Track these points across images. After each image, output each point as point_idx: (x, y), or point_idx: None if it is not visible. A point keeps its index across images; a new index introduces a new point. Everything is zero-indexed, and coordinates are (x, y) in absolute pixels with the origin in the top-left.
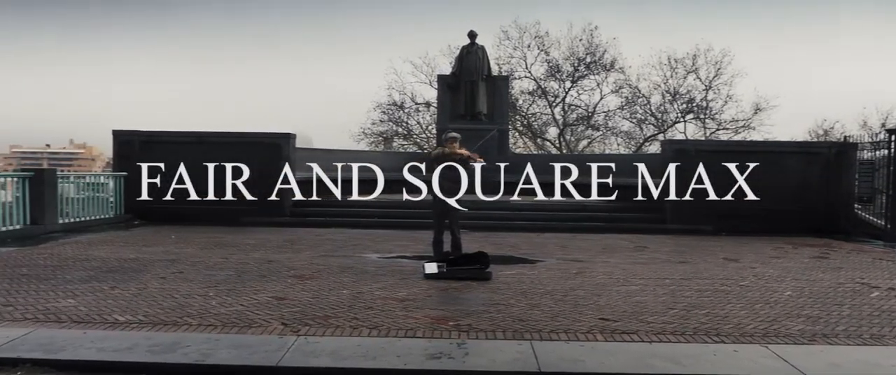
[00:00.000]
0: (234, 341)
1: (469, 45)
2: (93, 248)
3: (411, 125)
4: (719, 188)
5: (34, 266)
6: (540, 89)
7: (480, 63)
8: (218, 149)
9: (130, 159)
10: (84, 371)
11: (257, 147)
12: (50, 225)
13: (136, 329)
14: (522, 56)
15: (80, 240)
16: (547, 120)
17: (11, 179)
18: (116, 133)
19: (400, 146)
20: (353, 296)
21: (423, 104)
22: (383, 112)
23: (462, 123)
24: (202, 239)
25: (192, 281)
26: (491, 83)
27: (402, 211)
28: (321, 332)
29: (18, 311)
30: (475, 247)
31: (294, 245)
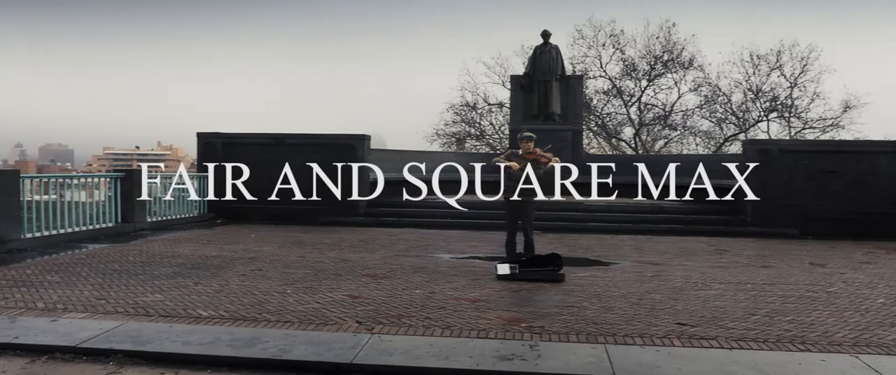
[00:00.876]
0: (310, 337)
1: (542, 44)
2: (178, 246)
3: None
4: (805, 189)
5: (125, 262)
6: (615, 88)
7: (554, 63)
8: (295, 150)
9: (213, 160)
10: (170, 363)
11: (333, 148)
12: (139, 223)
13: (218, 324)
14: (597, 55)
15: (166, 238)
16: (622, 120)
17: (104, 179)
18: (200, 135)
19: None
20: (426, 296)
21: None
22: (456, 113)
23: (535, 124)
24: (280, 237)
25: (270, 279)
26: (564, 83)
27: (474, 212)
28: (394, 331)
29: (110, 304)
30: (548, 249)
31: (368, 244)
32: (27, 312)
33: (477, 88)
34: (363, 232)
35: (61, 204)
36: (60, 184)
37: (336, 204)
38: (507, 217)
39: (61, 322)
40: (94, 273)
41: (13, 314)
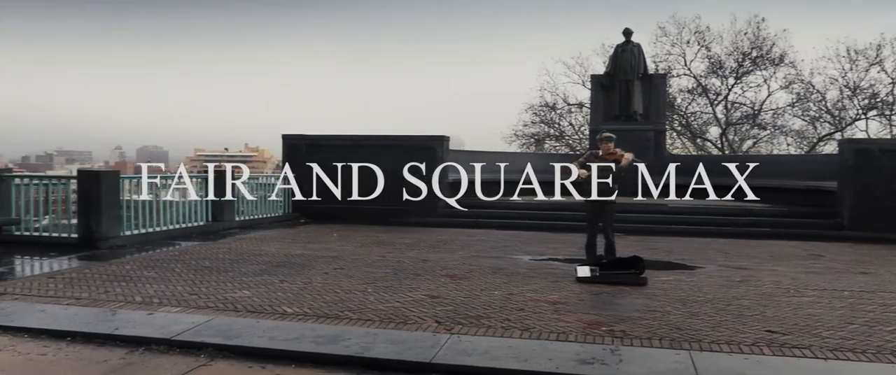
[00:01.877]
0: (390, 336)
1: (624, 43)
2: (264, 244)
3: (563, 126)
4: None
5: (215, 259)
6: (700, 87)
7: (636, 61)
8: (375, 151)
9: (297, 161)
10: (257, 357)
11: (412, 149)
12: (228, 222)
13: (302, 321)
14: (681, 53)
15: (253, 237)
16: (707, 119)
17: (196, 180)
18: (285, 137)
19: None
20: (505, 297)
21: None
22: (535, 113)
23: (616, 124)
24: (361, 237)
25: (352, 278)
26: (647, 82)
27: (554, 213)
28: (473, 331)
29: (202, 300)
30: (630, 251)
31: (446, 245)
32: (126, 305)
33: (556, 88)
34: (441, 232)
35: (156, 203)
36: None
37: (415, 205)
38: (587, 218)
39: (157, 316)
40: (187, 269)
41: (114, 307)
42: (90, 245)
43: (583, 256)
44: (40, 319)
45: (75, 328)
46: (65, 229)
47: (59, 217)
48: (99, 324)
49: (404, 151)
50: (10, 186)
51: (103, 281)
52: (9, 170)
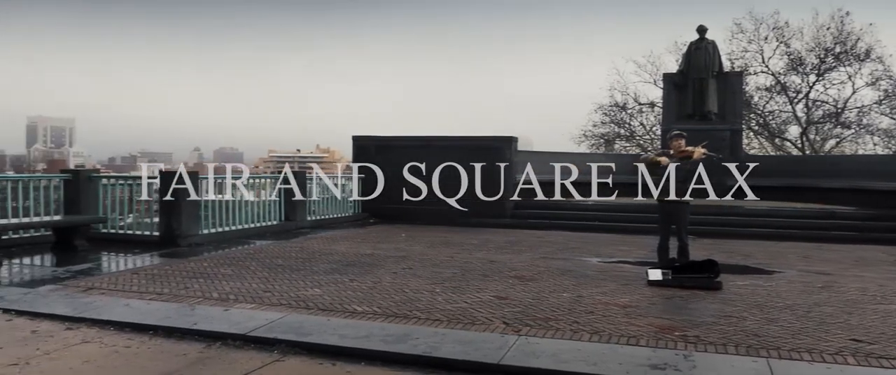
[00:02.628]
0: (458, 336)
1: (698, 40)
2: (335, 244)
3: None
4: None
5: (287, 257)
6: (779, 85)
7: (710, 59)
8: (444, 152)
9: (366, 161)
10: (328, 354)
11: (480, 150)
12: (300, 222)
13: (372, 320)
14: (758, 49)
15: (324, 236)
16: (787, 118)
17: (270, 180)
18: (355, 138)
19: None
20: (574, 300)
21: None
22: (605, 113)
23: (689, 123)
24: (429, 237)
25: (420, 278)
26: (722, 80)
27: (624, 215)
28: (541, 334)
29: (275, 297)
30: (704, 254)
31: (515, 246)
32: (204, 301)
33: (627, 88)
34: (510, 233)
35: (232, 203)
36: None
37: (483, 206)
38: (659, 220)
39: (232, 312)
40: (261, 267)
41: (192, 302)
42: (170, 243)
43: (654, 259)
44: (125, 313)
45: (157, 322)
46: (147, 227)
47: (142, 215)
48: (179, 319)
49: (472, 152)
50: (98, 186)
51: (183, 278)
52: (96, 170)
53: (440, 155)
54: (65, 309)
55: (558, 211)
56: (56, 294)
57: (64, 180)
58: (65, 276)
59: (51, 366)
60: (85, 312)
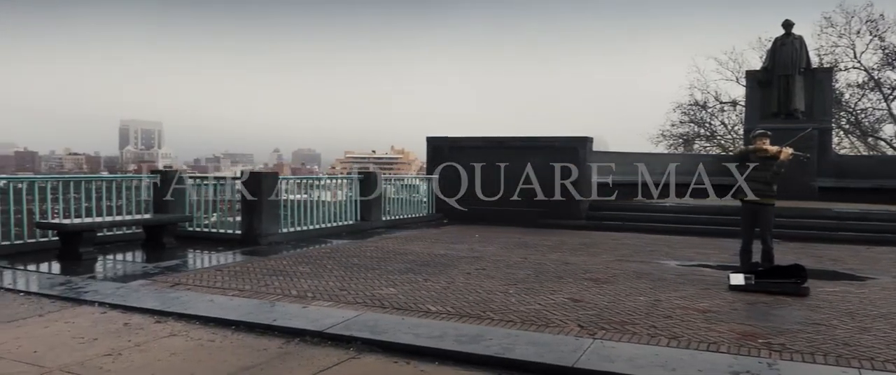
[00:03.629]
0: (532, 338)
1: (783, 35)
2: (409, 244)
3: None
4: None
5: (363, 257)
6: (872, 81)
7: (797, 55)
8: (517, 152)
9: (441, 162)
10: (403, 353)
11: (554, 150)
12: (375, 222)
13: (445, 320)
14: (849, 44)
15: (398, 236)
16: (881, 116)
17: (346, 181)
18: (429, 139)
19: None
20: (651, 304)
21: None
22: (684, 112)
23: (774, 122)
24: (503, 238)
25: (493, 278)
26: (809, 77)
27: (703, 217)
28: (617, 337)
29: (351, 295)
30: (790, 259)
31: (590, 248)
32: (283, 298)
33: (707, 86)
34: (584, 235)
35: (310, 203)
36: (309, 184)
37: (557, 207)
38: (742, 222)
39: (310, 309)
40: (337, 266)
41: (272, 299)
42: (251, 241)
43: (736, 263)
44: (209, 308)
45: (239, 317)
46: (230, 226)
47: (225, 214)
48: (259, 315)
49: (547, 152)
50: (185, 187)
51: (263, 275)
52: (183, 171)
53: (514, 155)
54: (154, 303)
55: (635, 213)
56: (146, 288)
57: (153, 180)
58: (154, 272)
59: (141, 358)
60: (172, 306)
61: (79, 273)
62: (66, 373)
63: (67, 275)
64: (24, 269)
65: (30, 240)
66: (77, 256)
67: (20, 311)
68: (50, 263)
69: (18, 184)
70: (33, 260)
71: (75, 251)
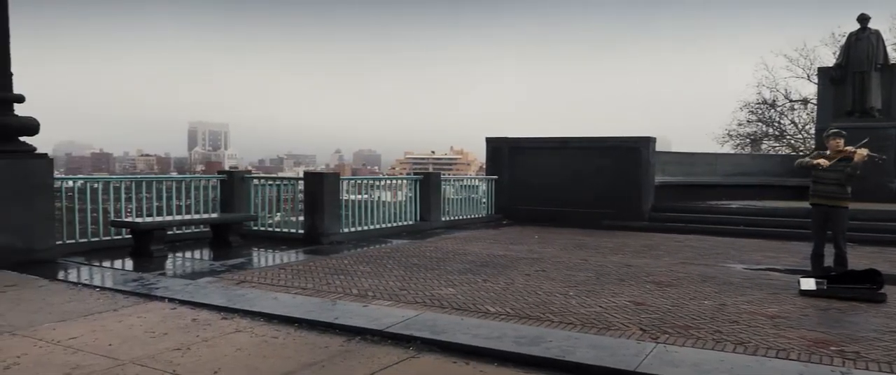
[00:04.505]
0: (592, 341)
1: (859, 30)
2: (468, 244)
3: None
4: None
5: (422, 257)
6: None
7: (873, 50)
8: (578, 153)
9: (500, 164)
10: (462, 353)
11: (616, 151)
12: (434, 222)
13: (505, 321)
14: None
15: (457, 236)
16: None
17: (405, 181)
18: (489, 140)
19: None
20: (716, 308)
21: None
22: (751, 111)
23: (849, 121)
24: (562, 240)
25: (553, 280)
26: (887, 73)
27: (772, 219)
28: (681, 342)
29: (410, 295)
30: (864, 264)
31: (652, 250)
32: (344, 297)
33: (776, 84)
34: (647, 237)
35: (370, 203)
36: (369, 185)
37: (619, 208)
38: (813, 225)
39: (371, 308)
40: (397, 265)
41: (334, 298)
42: (313, 240)
43: (806, 267)
44: (273, 305)
45: (301, 315)
46: (292, 225)
47: (288, 214)
48: (321, 313)
49: (608, 153)
50: (249, 187)
51: (325, 274)
52: (248, 172)
53: (575, 156)
54: (220, 299)
55: (699, 215)
56: (213, 285)
57: (220, 180)
58: (220, 269)
59: (208, 353)
60: (238, 303)
61: (150, 269)
62: (139, 366)
63: (139, 272)
64: (100, 265)
65: (105, 238)
66: (148, 253)
67: (96, 306)
68: (123, 260)
69: (94, 184)
70: (108, 257)
71: (147, 248)
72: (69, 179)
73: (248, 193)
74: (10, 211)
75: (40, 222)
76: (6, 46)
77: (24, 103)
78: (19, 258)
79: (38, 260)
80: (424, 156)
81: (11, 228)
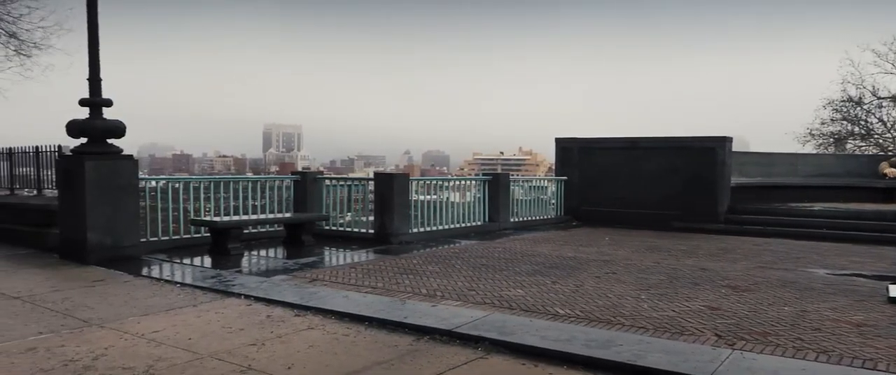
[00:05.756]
0: (665, 346)
1: None
2: (537, 245)
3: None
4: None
5: (491, 258)
6: None
7: None
8: (649, 154)
9: (570, 164)
10: (530, 355)
11: (689, 151)
12: (503, 223)
13: (574, 323)
14: None
15: (526, 237)
16: None
17: (474, 182)
18: (558, 140)
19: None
20: (797, 314)
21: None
22: (835, 109)
23: None
24: (634, 242)
25: (624, 283)
26: None
27: (857, 222)
28: (759, 349)
29: (479, 296)
30: None
31: (728, 253)
32: (413, 296)
33: (863, 80)
34: (722, 240)
35: (439, 203)
36: (438, 185)
37: (692, 210)
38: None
39: (439, 308)
40: (465, 266)
41: (403, 297)
42: (383, 240)
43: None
44: (344, 304)
45: (371, 313)
46: (363, 225)
47: (358, 214)
48: (391, 312)
49: (681, 153)
50: (321, 187)
51: (394, 273)
52: (320, 172)
53: (647, 156)
54: (293, 297)
55: (778, 217)
56: (286, 283)
57: (293, 181)
58: (293, 268)
59: (282, 349)
60: (310, 301)
61: (227, 267)
62: (216, 360)
63: (217, 269)
64: (180, 262)
65: (185, 236)
66: (226, 251)
67: (177, 301)
68: (202, 257)
69: (176, 184)
70: (188, 254)
71: (224, 246)
72: (152, 179)
73: (320, 193)
74: (100, 210)
75: (127, 220)
76: (96, 54)
77: (111, 107)
78: (107, 254)
79: (125, 257)
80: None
81: (101, 226)
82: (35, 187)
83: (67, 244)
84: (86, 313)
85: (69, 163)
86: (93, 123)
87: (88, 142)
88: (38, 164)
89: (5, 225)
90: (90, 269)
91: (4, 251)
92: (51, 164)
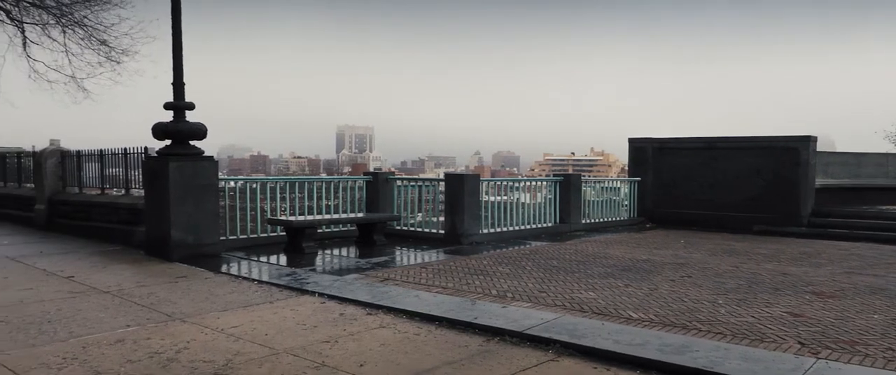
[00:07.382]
0: (744, 353)
1: None
2: (609, 247)
3: None
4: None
5: (562, 259)
6: None
7: None
8: (728, 154)
9: (644, 165)
10: (602, 359)
11: (771, 151)
12: (574, 224)
13: (648, 327)
14: None
15: (598, 239)
16: None
17: (545, 183)
18: (632, 140)
19: None
20: (888, 323)
21: None
22: None
23: None
24: (710, 245)
25: (700, 287)
26: None
27: None
28: (846, 359)
29: (549, 297)
30: None
31: (812, 258)
32: (483, 297)
33: None
34: (805, 243)
35: (510, 204)
36: (509, 186)
37: (773, 213)
38: None
39: (510, 309)
40: (536, 267)
41: (473, 298)
42: (453, 240)
43: None
44: (415, 303)
45: (442, 313)
46: (433, 225)
47: (429, 214)
48: (461, 312)
49: (762, 154)
50: (393, 188)
51: (464, 274)
52: (391, 173)
53: (725, 156)
54: (365, 296)
55: (867, 220)
56: (358, 282)
57: (365, 182)
58: (365, 267)
59: (354, 346)
60: (381, 300)
61: (302, 265)
62: (292, 356)
63: (292, 267)
64: (257, 260)
65: (262, 234)
66: (300, 250)
67: (254, 298)
68: (278, 255)
69: (253, 184)
70: (264, 253)
71: (299, 245)
72: (231, 180)
73: (392, 194)
74: (183, 209)
75: (207, 219)
76: (180, 59)
77: (193, 110)
78: (189, 251)
79: (205, 254)
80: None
81: (183, 224)
82: (123, 187)
83: (152, 241)
84: (169, 307)
85: (154, 163)
86: (177, 126)
87: (172, 143)
88: (126, 165)
89: (97, 223)
90: (173, 266)
91: (96, 247)
92: (138, 165)
